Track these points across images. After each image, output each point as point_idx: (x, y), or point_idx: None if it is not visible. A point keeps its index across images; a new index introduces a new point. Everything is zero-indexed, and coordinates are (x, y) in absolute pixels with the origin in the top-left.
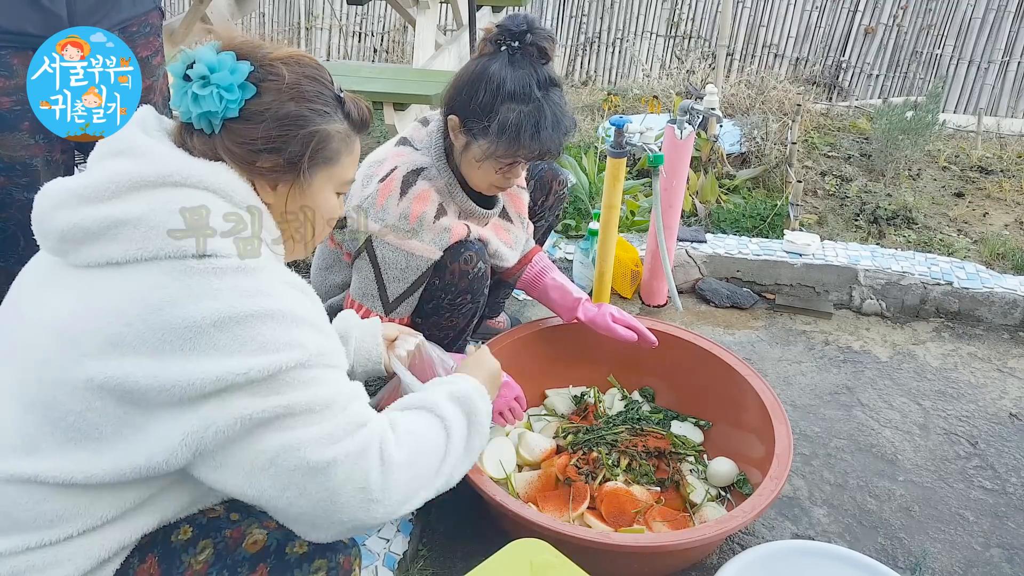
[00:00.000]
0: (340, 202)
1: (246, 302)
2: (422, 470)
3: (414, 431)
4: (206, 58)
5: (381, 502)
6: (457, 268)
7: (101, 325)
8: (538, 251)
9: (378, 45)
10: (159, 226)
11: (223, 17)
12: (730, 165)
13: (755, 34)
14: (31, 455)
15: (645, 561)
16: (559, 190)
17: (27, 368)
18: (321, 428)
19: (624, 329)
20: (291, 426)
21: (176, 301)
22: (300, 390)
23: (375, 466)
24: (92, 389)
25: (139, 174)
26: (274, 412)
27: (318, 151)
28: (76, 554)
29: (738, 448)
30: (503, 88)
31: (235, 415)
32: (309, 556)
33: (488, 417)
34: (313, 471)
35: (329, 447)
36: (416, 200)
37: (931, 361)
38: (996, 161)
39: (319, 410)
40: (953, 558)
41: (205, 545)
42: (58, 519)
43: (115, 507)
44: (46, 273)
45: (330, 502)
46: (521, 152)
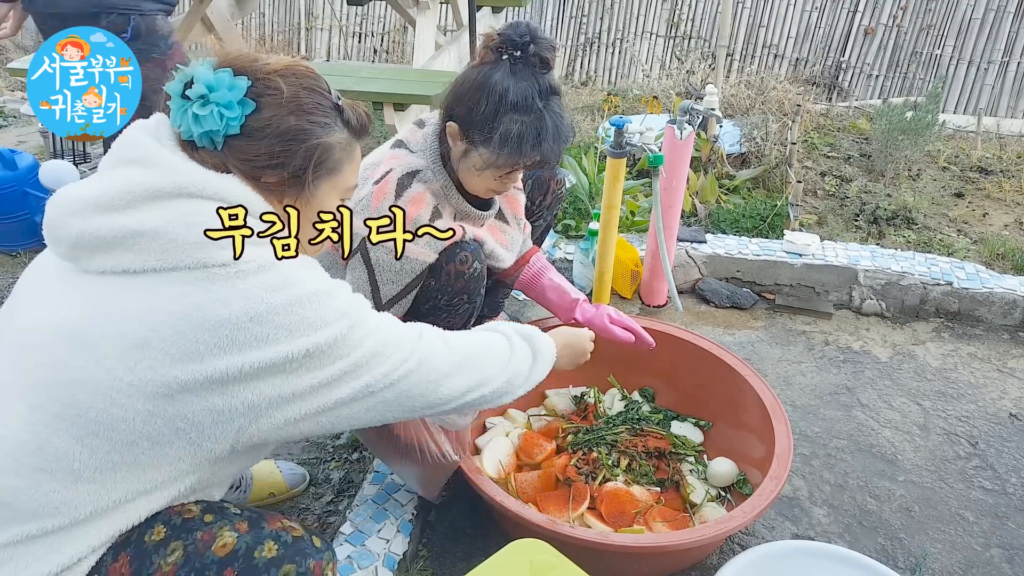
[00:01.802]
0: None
1: (279, 295)
2: (484, 361)
3: (475, 339)
4: (204, 77)
5: (443, 387)
6: (453, 269)
7: (124, 331)
8: (536, 251)
9: (378, 46)
10: (179, 239)
11: (223, 17)
12: (730, 165)
13: (755, 34)
14: (40, 450)
15: (645, 561)
16: (557, 190)
17: (34, 369)
18: (391, 362)
19: (621, 330)
20: (363, 374)
21: (203, 306)
22: (360, 347)
23: (442, 352)
24: (120, 388)
25: (154, 185)
26: (343, 370)
27: (321, 163)
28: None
29: (738, 448)
30: (505, 99)
31: (303, 385)
32: (277, 561)
33: (550, 364)
34: (391, 388)
35: (401, 367)
36: (411, 203)
37: (931, 361)
38: (996, 161)
39: (383, 351)
40: (953, 558)
41: (176, 547)
42: (64, 506)
43: (130, 490)
44: (53, 276)
45: (407, 397)
46: (522, 161)
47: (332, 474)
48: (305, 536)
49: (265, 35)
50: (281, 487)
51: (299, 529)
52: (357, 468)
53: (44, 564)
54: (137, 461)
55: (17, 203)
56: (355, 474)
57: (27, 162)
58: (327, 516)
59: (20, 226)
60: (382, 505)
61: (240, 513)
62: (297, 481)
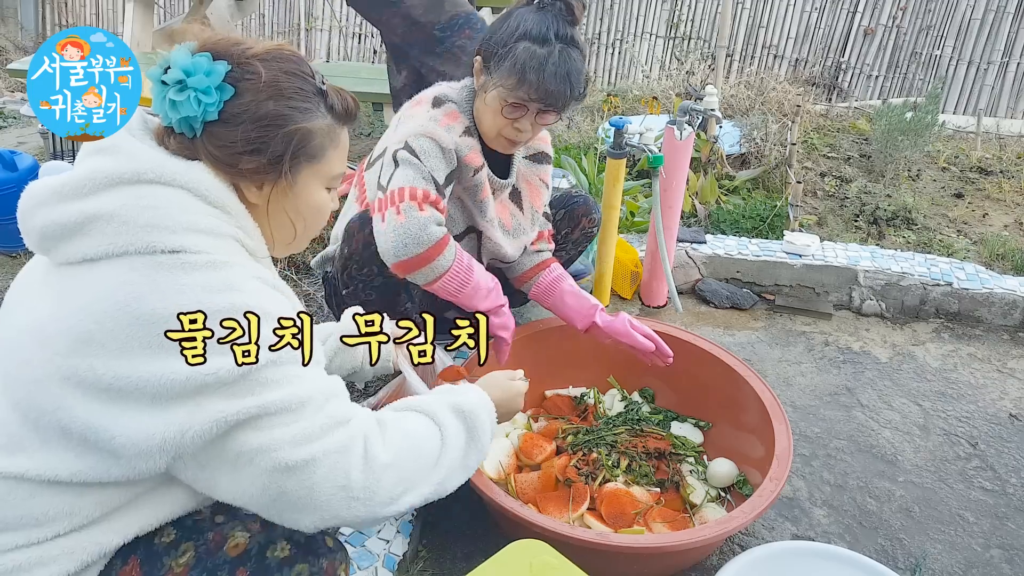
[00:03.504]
0: (332, 196)
1: (213, 298)
2: (409, 473)
3: (406, 433)
4: (181, 61)
5: (363, 501)
6: (363, 237)
7: (72, 323)
8: (554, 260)
9: (378, 46)
10: (131, 221)
11: (223, 18)
12: (730, 166)
13: (755, 35)
14: (15, 454)
15: (645, 562)
16: (588, 228)
17: (11, 369)
18: (298, 427)
19: (643, 338)
20: (267, 426)
21: (142, 297)
22: (274, 389)
23: (357, 465)
24: (64, 388)
25: (115, 171)
26: (248, 413)
27: (300, 149)
28: (61, 556)
29: (738, 449)
30: (523, 27)
31: (211, 418)
32: (290, 560)
33: (490, 436)
34: (291, 471)
35: (306, 446)
36: (447, 115)
37: (931, 362)
38: (995, 162)
39: (295, 408)
40: (953, 559)
41: (187, 548)
42: (44, 517)
43: (102, 506)
44: (36, 274)
45: (309, 499)
46: (524, 88)
47: None
48: (318, 535)
49: (265, 35)
50: None
51: None
52: None
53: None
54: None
55: (17, 204)
56: None
57: (27, 163)
58: None
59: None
60: None
61: (251, 513)
62: None
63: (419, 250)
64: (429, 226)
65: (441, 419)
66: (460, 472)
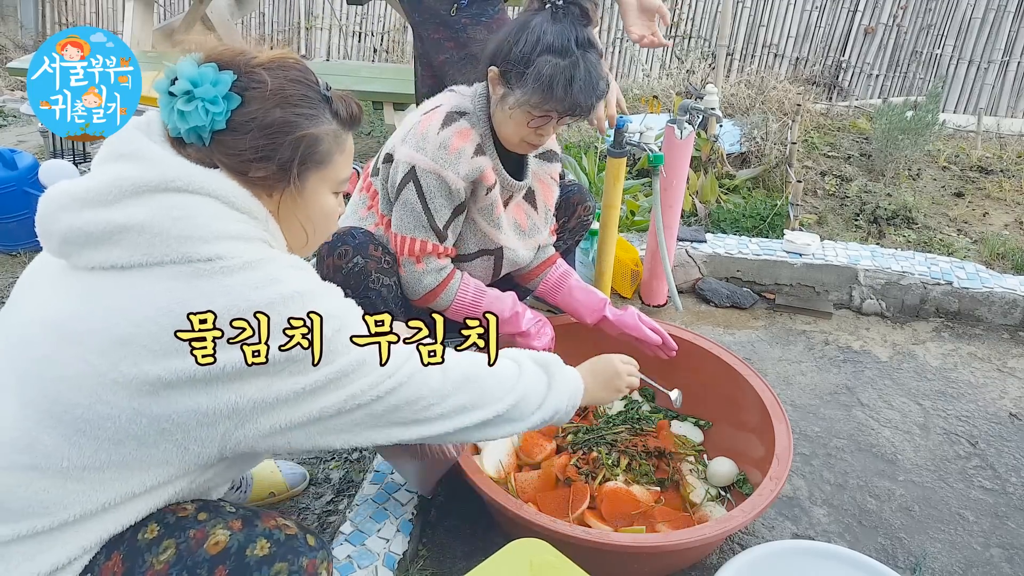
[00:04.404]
0: (339, 200)
1: (261, 292)
2: (487, 381)
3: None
4: (187, 72)
5: (438, 405)
6: (332, 263)
7: (108, 325)
8: (558, 256)
9: (378, 45)
10: (163, 232)
11: (223, 17)
12: (730, 165)
13: (755, 34)
14: (31, 448)
15: (645, 561)
16: (584, 216)
17: (25, 365)
18: (377, 372)
19: (650, 331)
20: (347, 383)
21: (187, 302)
22: (346, 353)
23: (435, 369)
24: (104, 385)
25: (141, 179)
26: (327, 379)
27: (308, 155)
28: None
29: (738, 448)
30: (543, 40)
31: (286, 390)
32: (269, 559)
33: (571, 386)
34: (379, 401)
35: (389, 379)
36: (457, 135)
37: (931, 361)
38: (996, 161)
39: (370, 359)
40: (953, 558)
41: (168, 545)
42: (54, 506)
43: (120, 493)
44: (48, 273)
45: (397, 414)
46: (552, 104)
47: (332, 473)
48: (299, 534)
49: (265, 35)
50: (281, 486)
51: (293, 527)
52: (357, 468)
53: (34, 564)
54: (124, 462)
55: (17, 203)
56: (355, 473)
57: (27, 162)
58: (327, 516)
59: (20, 226)
60: (382, 505)
61: (235, 511)
62: (297, 480)
63: (416, 297)
64: (424, 279)
65: (519, 359)
66: (539, 409)
